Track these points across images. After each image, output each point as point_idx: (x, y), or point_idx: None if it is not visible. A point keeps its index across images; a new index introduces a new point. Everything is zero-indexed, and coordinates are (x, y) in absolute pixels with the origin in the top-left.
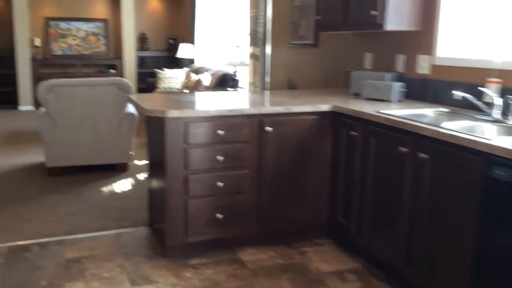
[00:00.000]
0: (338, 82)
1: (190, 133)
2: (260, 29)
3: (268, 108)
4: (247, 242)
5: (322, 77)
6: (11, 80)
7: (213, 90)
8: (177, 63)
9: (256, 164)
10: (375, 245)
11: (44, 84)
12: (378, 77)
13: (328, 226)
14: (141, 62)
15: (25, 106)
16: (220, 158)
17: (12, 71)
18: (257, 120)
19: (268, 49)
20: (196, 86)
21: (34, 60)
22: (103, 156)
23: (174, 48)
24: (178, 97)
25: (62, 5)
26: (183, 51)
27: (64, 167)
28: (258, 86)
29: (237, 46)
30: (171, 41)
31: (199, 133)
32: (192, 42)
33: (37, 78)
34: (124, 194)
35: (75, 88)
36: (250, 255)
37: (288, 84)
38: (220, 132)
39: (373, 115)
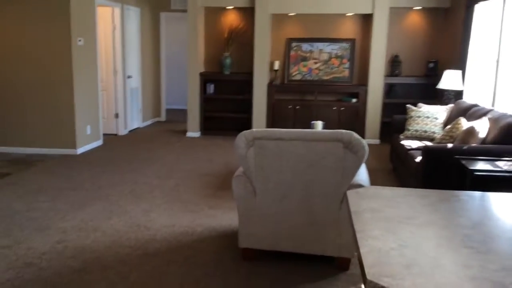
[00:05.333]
0: None
1: None
2: None
3: None
4: None
5: None
6: (248, 106)
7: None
8: (436, 95)
9: None
10: None
11: (244, 135)
12: None
13: None
14: (389, 90)
15: None
16: None
17: (250, 96)
18: None
19: None
20: (465, 138)
21: (270, 85)
22: (315, 244)
23: (434, 74)
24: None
25: (307, 25)
26: (448, 80)
27: (261, 250)
28: None
29: None
30: (431, 65)
31: None
32: (461, 68)
33: (272, 105)
34: None
35: (284, 143)
36: None
37: None
38: None
39: None
